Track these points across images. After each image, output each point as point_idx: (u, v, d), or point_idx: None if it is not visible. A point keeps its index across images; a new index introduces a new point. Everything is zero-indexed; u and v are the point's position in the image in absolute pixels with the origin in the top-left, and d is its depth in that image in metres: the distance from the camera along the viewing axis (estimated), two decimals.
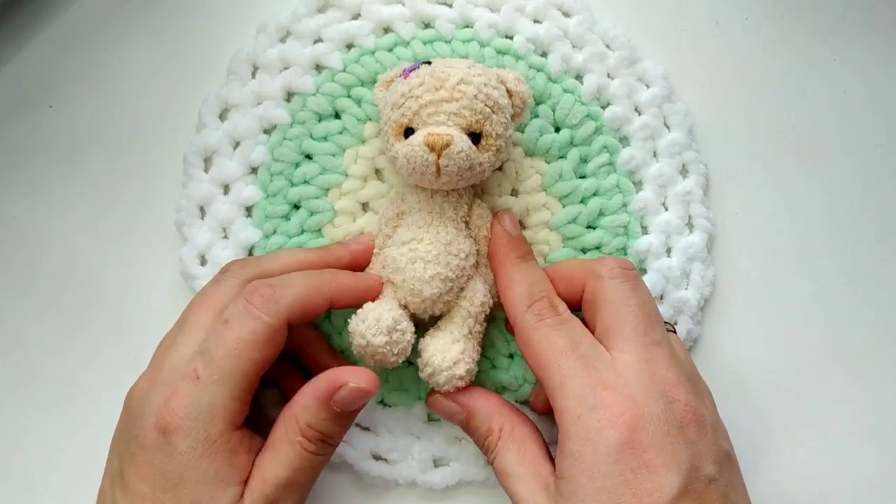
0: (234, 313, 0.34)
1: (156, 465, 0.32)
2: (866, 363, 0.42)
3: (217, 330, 0.34)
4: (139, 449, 0.33)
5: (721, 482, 0.33)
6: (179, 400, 0.33)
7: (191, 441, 0.32)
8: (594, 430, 0.32)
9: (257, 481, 0.34)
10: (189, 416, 0.32)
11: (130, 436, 0.33)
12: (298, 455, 0.34)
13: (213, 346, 0.33)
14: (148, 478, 0.32)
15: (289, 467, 0.34)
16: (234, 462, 0.33)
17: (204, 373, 0.33)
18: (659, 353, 0.34)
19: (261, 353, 0.34)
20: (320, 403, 0.34)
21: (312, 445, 0.34)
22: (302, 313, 0.35)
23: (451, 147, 0.34)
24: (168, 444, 0.32)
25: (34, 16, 0.44)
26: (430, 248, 0.36)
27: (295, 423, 0.34)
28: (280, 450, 0.34)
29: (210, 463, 0.33)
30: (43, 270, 0.43)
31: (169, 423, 0.32)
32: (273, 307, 0.34)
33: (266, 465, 0.34)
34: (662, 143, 0.42)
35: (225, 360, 0.33)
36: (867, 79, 0.44)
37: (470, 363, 0.37)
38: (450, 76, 0.35)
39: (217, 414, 0.33)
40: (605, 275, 0.35)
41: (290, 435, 0.34)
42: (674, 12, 0.44)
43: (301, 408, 0.34)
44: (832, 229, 0.43)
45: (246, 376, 0.33)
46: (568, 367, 0.33)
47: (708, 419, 0.34)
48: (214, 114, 0.42)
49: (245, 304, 0.34)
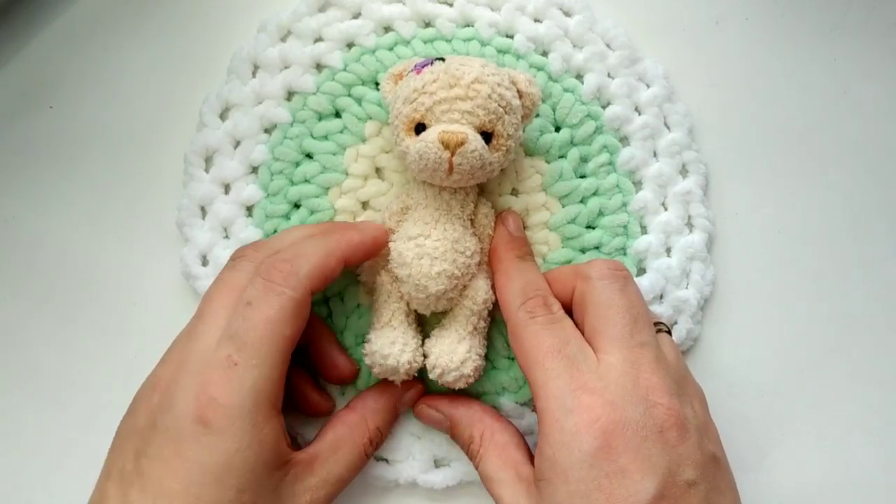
0: (256, 293, 0.33)
1: (192, 459, 0.31)
2: (866, 363, 0.42)
3: (242, 313, 0.33)
4: (169, 442, 0.31)
5: (702, 486, 0.32)
6: (219, 387, 0.32)
7: (237, 429, 0.31)
8: (570, 433, 0.32)
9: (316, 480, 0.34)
10: (233, 403, 0.32)
11: (156, 430, 0.32)
12: (359, 457, 0.36)
13: (242, 330, 0.33)
14: (180, 472, 0.31)
15: (348, 468, 0.35)
16: (278, 448, 0.33)
17: (240, 358, 0.32)
18: (644, 355, 0.34)
19: (291, 329, 0.33)
20: (391, 406, 0.37)
21: (372, 448, 0.36)
22: (322, 279, 0.34)
23: (465, 145, 0.34)
24: (210, 434, 0.31)
25: (34, 16, 0.44)
26: (438, 245, 0.36)
27: (364, 426, 0.36)
28: (344, 451, 0.35)
29: (259, 451, 0.32)
30: (43, 270, 0.43)
31: (211, 413, 0.31)
32: (293, 280, 0.34)
33: (326, 466, 0.35)
34: (662, 143, 0.42)
35: (259, 343, 0.32)
36: (867, 79, 0.44)
37: (477, 360, 0.37)
38: (465, 74, 0.34)
39: (261, 398, 0.32)
40: (593, 276, 0.36)
41: (357, 437, 0.36)
42: (674, 12, 0.44)
43: (372, 411, 0.37)
44: (832, 229, 0.43)
45: (282, 355, 0.33)
46: (552, 368, 0.34)
47: (692, 422, 0.33)
48: (215, 113, 0.42)
49: (264, 282, 0.34)
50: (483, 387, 0.40)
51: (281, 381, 0.33)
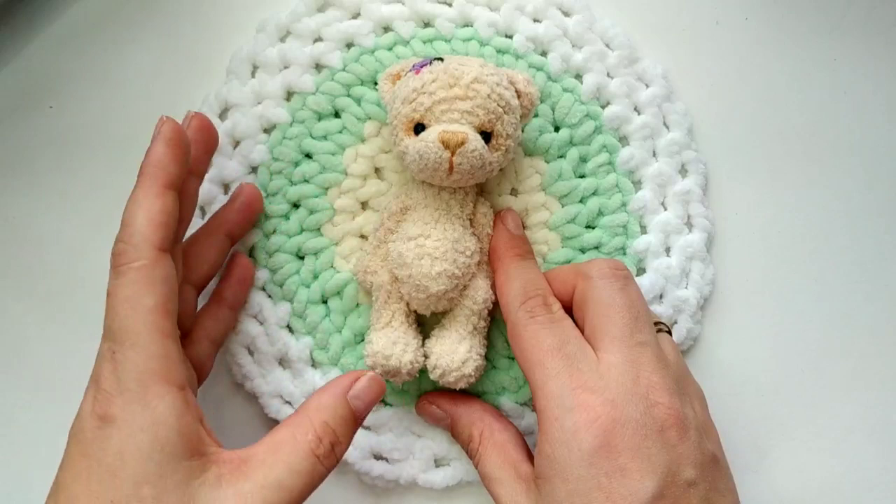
0: (110, 283, 0.33)
1: (92, 456, 0.30)
2: (866, 363, 0.42)
3: (107, 305, 0.32)
4: (76, 445, 0.31)
5: (702, 486, 0.32)
6: (108, 381, 0.31)
7: (127, 414, 0.30)
8: (570, 432, 0.32)
9: (251, 485, 0.31)
10: (119, 389, 0.31)
11: (70, 441, 0.32)
12: (305, 457, 0.32)
13: (110, 321, 0.32)
14: (83, 473, 0.30)
15: (291, 471, 0.31)
16: (182, 430, 0.31)
17: (116, 346, 0.31)
18: (645, 354, 0.34)
19: (152, 297, 0.32)
20: (338, 399, 0.33)
21: (321, 447, 0.32)
22: (161, 229, 0.33)
23: (465, 145, 0.34)
24: (106, 426, 0.30)
25: (34, 16, 0.44)
26: (438, 245, 0.36)
27: (308, 422, 0.33)
28: (284, 451, 0.32)
29: (153, 433, 0.30)
30: (43, 271, 0.43)
31: (104, 406, 0.31)
32: (131, 251, 0.32)
33: (261, 469, 0.31)
34: (662, 143, 0.42)
35: (125, 323, 0.31)
36: (867, 79, 0.44)
37: (478, 359, 0.37)
38: (464, 74, 0.35)
39: (146, 376, 0.31)
40: (594, 275, 0.35)
41: (300, 435, 0.32)
42: (674, 12, 0.44)
43: (315, 407, 0.33)
44: (832, 229, 0.43)
45: (154, 327, 0.32)
46: (551, 368, 0.34)
47: (692, 422, 0.33)
48: (214, 113, 0.42)
49: (112, 270, 0.33)
50: (483, 386, 0.40)
51: (167, 355, 0.32)
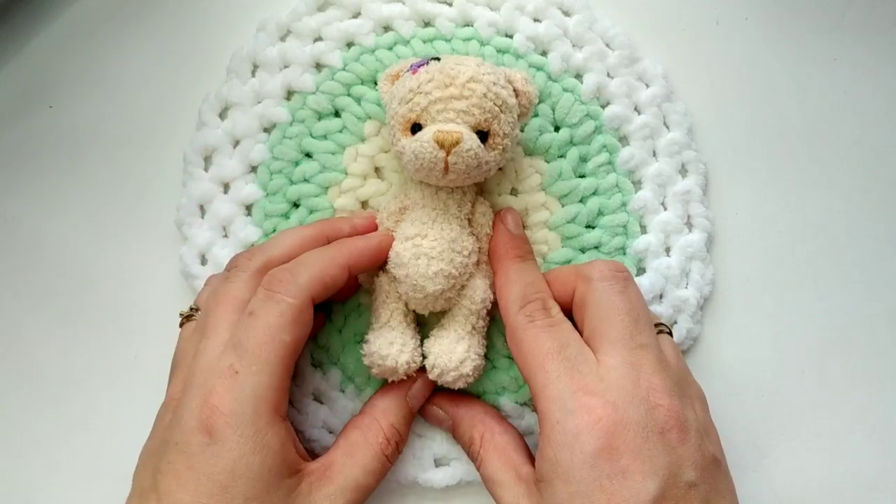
0: (258, 303, 0.34)
1: (200, 469, 0.32)
2: (866, 363, 0.42)
3: (244, 323, 0.34)
4: (180, 455, 0.32)
5: (703, 488, 0.32)
6: (220, 397, 0.32)
7: (239, 436, 0.32)
8: (571, 434, 0.32)
9: (334, 488, 0.34)
10: (234, 410, 0.32)
11: (168, 445, 0.33)
12: (377, 458, 0.36)
13: (244, 339, 0.33)
14: (189, 484, 0.32)
15: (366, 472, 0.35)
16: (285, 455, 0.33)
17: (240, 365, 0.33)
18: (645, 356, 0.34)
19: (290, 335, 0.34)
20: (401, 400, 0.37)
21: (389, 447, 0.36)
22: (322, 287, 0.35)
23: (460, 145, 0.34)
24: (215, 444, 0.32)
25: (34, 16, 0.44)
26: (435, 245, 0.36)
27: (377, 426, 0.36)
28: (359, 455, 0.35)
29: (263, 457, 0.32)
30: (42, 270, 0.43)
31: (214, 422, 0.32)
32: (293, 288, 0.34)
33: (342, 472, 0.35)
34: (662, 143, 0.42)
35: (258, 349, 0.33)
36: (867, 79, 0.44)
37: (476, 359, 0.37)
38: (460, 73, 0.34)
39: (262, 404, 0.33)
40: (594, 277, 0.35)
41: (371, 438, 0.36)
42: (674, 12, 0.44)
43: (382, 410, 0.37)
44: (832, 229, 0.43)
45: (281, 361, 0.33)
46: (552, 371, 0.33)
47: (693, 424, 0.33)
48: (214, 112, 0.42)
49: (266, 292, 0.34)
50: (483, 387, 0.40)
51: (283, 387, 0.34)
